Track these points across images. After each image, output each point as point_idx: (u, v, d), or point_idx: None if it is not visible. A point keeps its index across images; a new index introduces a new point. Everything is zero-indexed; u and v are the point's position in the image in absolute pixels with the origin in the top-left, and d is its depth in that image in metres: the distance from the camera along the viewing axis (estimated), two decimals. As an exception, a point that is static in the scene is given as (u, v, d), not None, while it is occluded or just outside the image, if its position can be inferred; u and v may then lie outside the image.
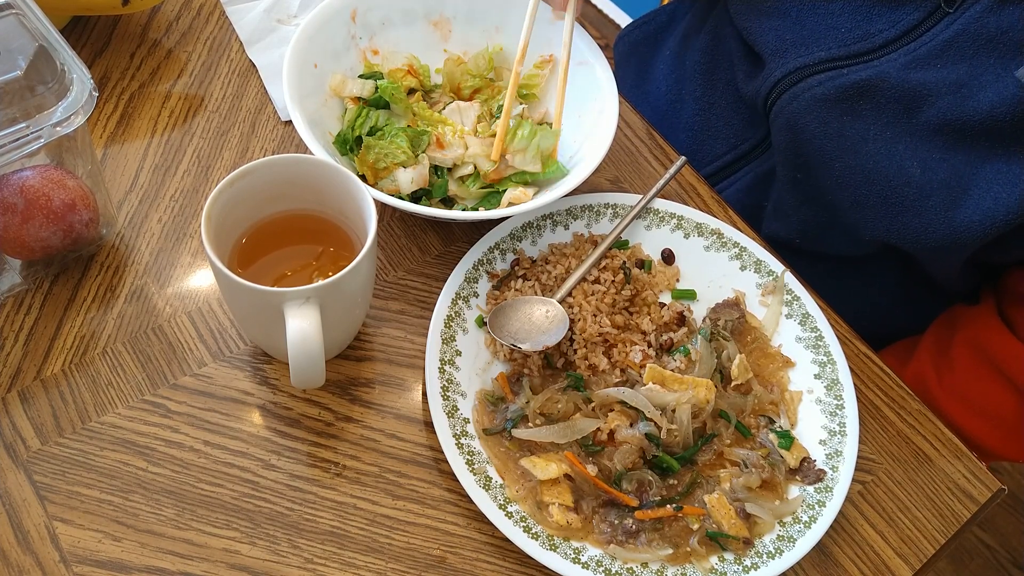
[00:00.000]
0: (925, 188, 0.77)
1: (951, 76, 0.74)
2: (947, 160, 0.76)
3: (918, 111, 0.76)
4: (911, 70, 0.76)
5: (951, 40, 0.74)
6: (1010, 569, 1.68)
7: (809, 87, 0.82)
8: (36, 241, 0.66)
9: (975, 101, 0.73)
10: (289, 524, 0.64)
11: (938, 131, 0.76)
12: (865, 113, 0.79)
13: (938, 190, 0.77)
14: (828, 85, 0.81)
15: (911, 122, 0.77)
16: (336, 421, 0.69)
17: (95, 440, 0.65)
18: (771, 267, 0.78)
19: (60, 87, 0.61)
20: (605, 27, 2.32)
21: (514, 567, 0.65)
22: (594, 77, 0.82)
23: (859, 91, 0.79)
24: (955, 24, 0.74)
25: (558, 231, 0.79)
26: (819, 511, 0.67)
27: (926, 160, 0.77)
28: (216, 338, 0.71)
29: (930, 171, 0.77)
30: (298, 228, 0.69)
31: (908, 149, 0.78)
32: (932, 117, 0.75)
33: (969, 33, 0.73)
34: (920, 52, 0.76)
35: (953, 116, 0.74)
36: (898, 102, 0.77)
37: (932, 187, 0.77)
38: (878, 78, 0.78)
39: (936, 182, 0.77)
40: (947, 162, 0.76)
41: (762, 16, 0.87)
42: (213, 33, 0.89)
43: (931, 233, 0.79)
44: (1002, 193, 0.74)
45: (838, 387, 0.73)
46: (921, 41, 0.76)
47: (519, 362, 0.72)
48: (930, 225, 0.78)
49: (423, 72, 0.84)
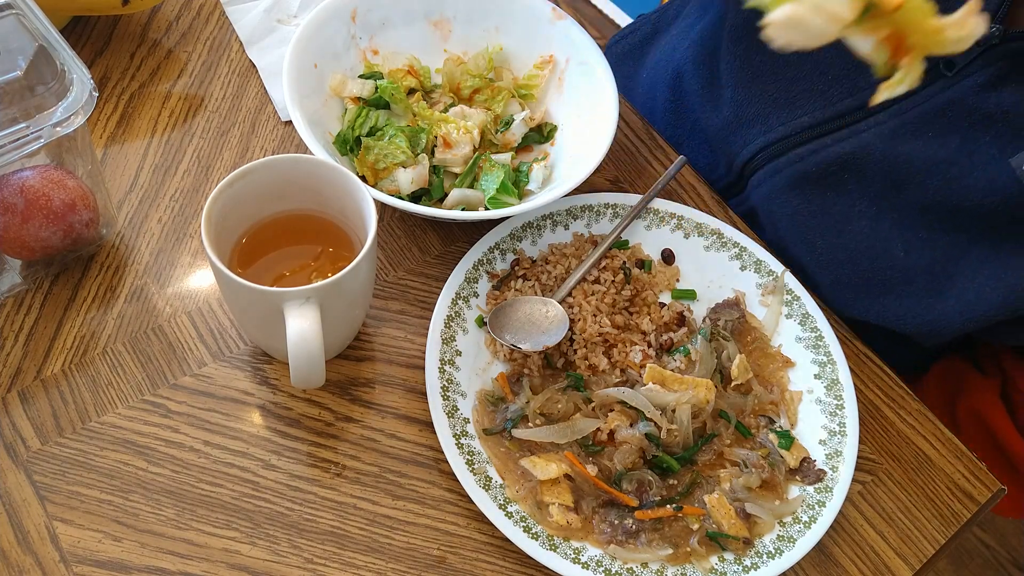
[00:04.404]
0: (908, 272, 0.74)
1: (941, 152, 0.69)
2: (933, 241, 0.72)
3: (905, 188, 0.72)
4: (899, 140, 0.71)
5: (945, 107, 0.69)
6: (1010, 569, 1.68)
7: (790, 162, 0.78)
8: (36, 241, 0.66)
9: (965, 184, 0.68)
10: (289, 524, 0.64)
11: (925, 210, 0.72)
12: (851, 188, 0.75)
13: (921, 275, 0.73)
14: (811, 160, 0.76)
15: (897, 198, 0.73)
16: (336, 421, 0.69)
17: (95, 440, 0.65)
18: (771, 267, 0.78)
19: (60, 87, 0.61)
20: (605, 27, 2.32)
21: (514, 567, 0.65)
22: (594, 77, 0.82)
23: (843, 165, 0.74)
24: (951, 91, 0.68)
25: (558, 231, 0.79)
26: (819, 511, 0.67)
27: (911, 241, 0.73)
28: (216, 338, 0.71)
29: (914, 253, 0.73)
30: (298, 228, 0.69)
31: (894, 227, 0.74)
32: (919, 196, 0.71)
33: (965, 105, 0.67)
34: (910, 116, 0.71)
35: (941, 197, 0.70)
36: (885, 177, 0.73)
37: (915, 271, 0.74)
38: (863, 151, 0.73)
39: (920, 266, 0.73)
40: (932, 244, 0.72)
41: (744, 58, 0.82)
42: (213, 33, 0.89)
43: (911, 319, 0.76)
44: (986, 287, 0.70)
45: (838, 387, 0.73)
46: (913, 101, 0.70)
47: (519, 362, 0.72)
48: (910, 311, 0.75)
49: (423, 73, 0.84)
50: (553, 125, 0.85)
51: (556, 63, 0.85)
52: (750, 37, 0.80)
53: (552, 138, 0.85)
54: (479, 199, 0.77)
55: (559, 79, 0.85)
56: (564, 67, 0.85)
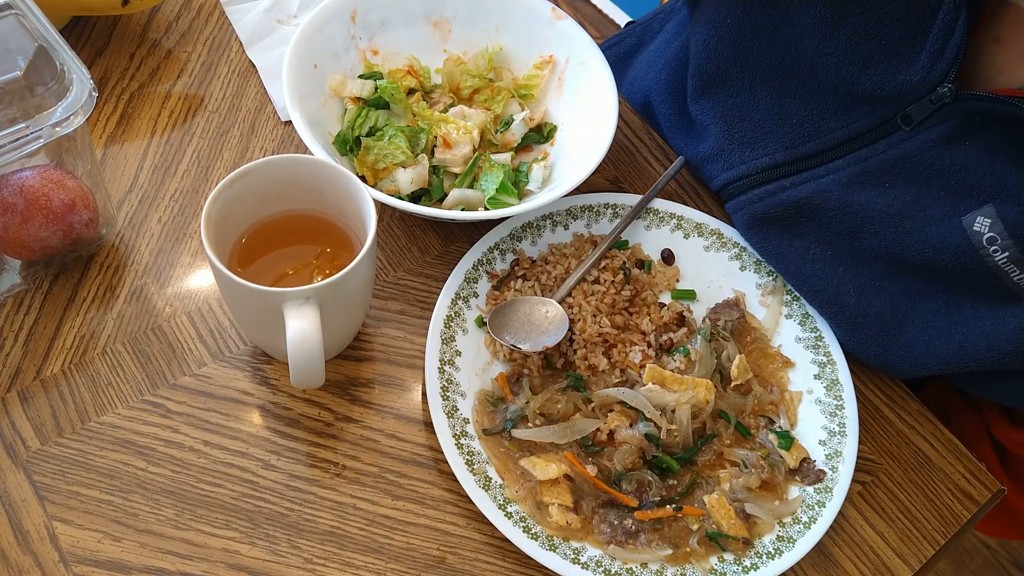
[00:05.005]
0: (859, 318, 0.74)
1: (897, 203, 0.70)
2: (885, 289, 0.73)
3: (860, 235, 0.72)
4: (856, 188, 0.72)
5: (903, 159, 0.69)
6: (1010, 569, 1.68)
7: (749, 201, 0.78)
8: (36, 241, 0.66)
9: (919, 237, 0.68)
10: (289, 524, 0.64)
11: (879, 258, 0.72)
12: (806, 231, 0.75)
13: (872, 321, 0.74)
14: (768, 201, 0.76)
15: (852, 245, 0.73)
16: (336, 421, 0.69)
17: (95, 440, 0.65)
18: (771, 267, 0.78)
19: (60, 87, 0.61)
20: (605, 27, 2.32)
21: (514, 567, 0.65)
22: (594, 77, 0.82)
23: (800, 209, 0.75)
24: (908, 143, 0.69)
25: (558, 231, 0.79)
26: (819, 511, 0.67)
27: (864, 287, 0.73)
28: (216, 338, 0.71)
29: (865, 299, 0.73)
30: (298, 228, 0.69)
31: (847, 273, 0.74)
32: (874, 244, 0.71)
33: (921, 159, 0.68)
34: (871, 164, 0.71)
35: (895, 248, 0.70)
36: (840, 224, 0.73)
37: (866, 317, 0.74)
38: (819, 196, 0.73)
39: (871, 312, 0.73)
40: (884, 291, 0.73)
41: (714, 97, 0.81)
42: (213, 33, 0.89)
43: (867, 360, 0.76)
44: (936, 340, 0.71)
45: (838, 387, 0.73)
46: (873, 149, 0.71)
47: (519, 362, 0.72)
48: (863, 354, 0.75)
49: (423, 73, 0.84)
50: (553, 125, 0.85)
51: (556, 63, 0.85)
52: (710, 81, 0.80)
53: (552, 138, 0.85)
54: (479, 199, 0.77)
55: (559, 79, 0.85)
56: (564, 67, 0.85)
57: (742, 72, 0.78)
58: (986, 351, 0.68)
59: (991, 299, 0.68)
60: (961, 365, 0.70)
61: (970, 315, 0.69)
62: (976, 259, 0.65)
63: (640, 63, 1.01)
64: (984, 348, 0.68)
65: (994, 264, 0.65)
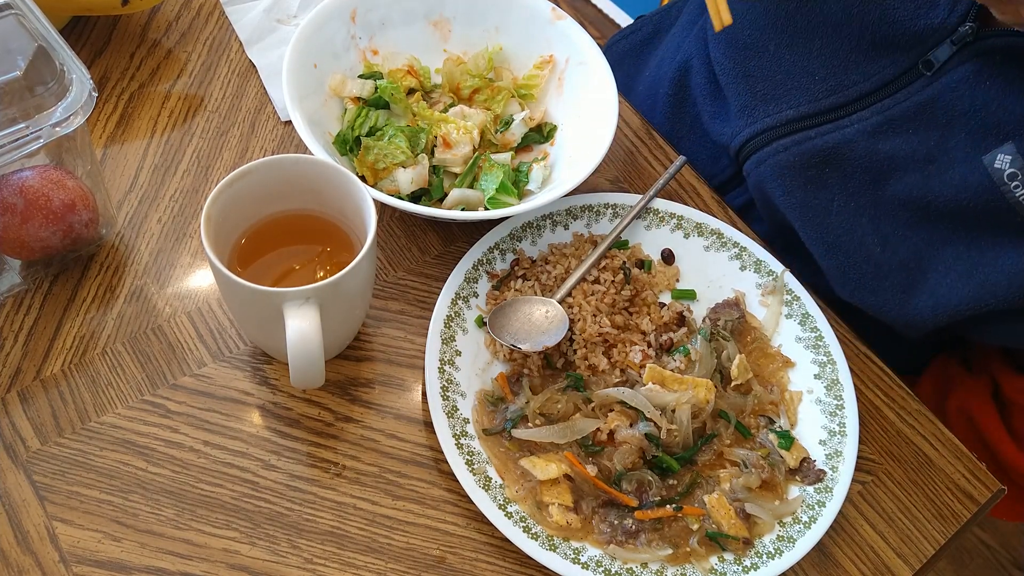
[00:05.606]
0: (883, 267, 0.75)
1: (921, 148, 0.71)
2: (908, 238, 0.74)
3: (885, 183, 0.74)
4: (881, 136, 0.73)
5: (925, 105, 0.71)
6: (1010, 569, 1.68)
7: (775, 151, 0.79)
8: (36, 241, 0.66)
9: (942, 180, 0.70)
10: (289, 524, 0.64)
11: (903, 206, 0.73)
12: (831, 183, 0.77)
13: (896, 270, 0.75)
14: (794, 151, 0.78)
15: (876, 194, 0.75)
16: (336, 421, 0.69)
17: (95, 440, 0.65)
18: (771, 267, 0.78)
19: (59, 87, 0.61)
20: (605, 27, 2.32)
21: (514, 567, 0.65)
22: (594, 77, 0.82)
23: (825, 158, 0.76)
24: (930, 88, 0.71)
25: (558, 231, 0.79)
26: (819, 511, 0.67)
27: (887, 236, 0.75)
28: (216, 338, 0.71)
29: (890, 249, 0.75)
30: (298, 228, 0.69)
31: (871, 223, 0.75)
32: (898, 191, 0.73)
33: (944, 101, 0.70)
34: (893, 112, 0.73)
35: (919, 193, 0.72)
36: (865, 172, 0.75)
37: (890, 267, 0.75)
38: (846, 145, 0.75)
39: (895, 262, 0.75)
40: (908, 240, 0.74)
41: (737, 59, 0.84)
42: (213, 33, 0.89)
43: (886, 313, 0.77)
44: (957, 283, 0.72)
45: (838, 387, 0.73)
46: (895, 99, 0.73)
47: (519, 362, 0.72)
48: (885, 305, 0.77)
49: (423, 73, 0.84)
50: (553, 125, 0.85)
51: (556, 63, 0.85)
52: (736, 45, 0.83)
53: (552, 138, 0.85)
54: (479, 199, 0.77)
55: (559, 79, 0.85)
56: (564, 67, 0.85)
57: (768, 39, 0.79)
58: (1007, 288, 0.70)
59: (1011, 237, 0.69)
60: (983, 304, 0.71)
61: (991, 255, 0.71)
62: (997, 196, 0.67)
63: (671, 40, 1.03)
64: (1005, 285, 0.70)
65: (1015, 200, 0.66)
